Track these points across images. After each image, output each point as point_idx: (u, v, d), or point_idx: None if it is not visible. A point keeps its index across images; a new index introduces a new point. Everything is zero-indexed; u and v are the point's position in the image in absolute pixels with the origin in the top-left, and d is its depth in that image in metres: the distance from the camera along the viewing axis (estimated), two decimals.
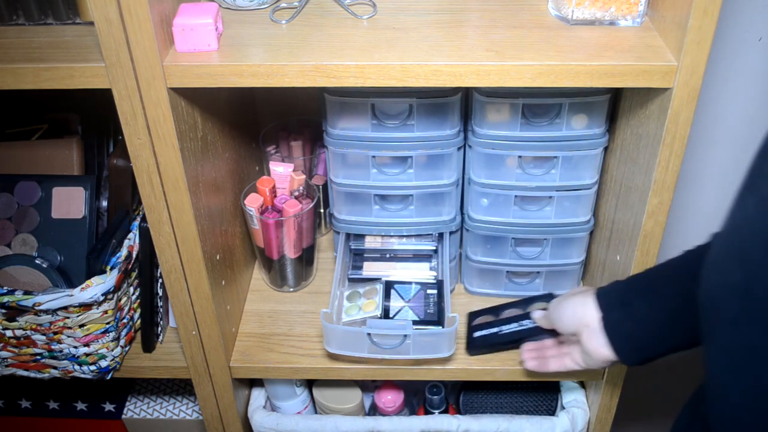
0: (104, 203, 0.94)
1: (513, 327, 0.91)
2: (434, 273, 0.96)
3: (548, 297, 0.96)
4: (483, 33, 0.71)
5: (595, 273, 0.96)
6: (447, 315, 0.86)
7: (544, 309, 0.84)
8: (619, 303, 0.72)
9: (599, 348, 0.73)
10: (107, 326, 0.87)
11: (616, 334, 0.72)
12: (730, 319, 0.46)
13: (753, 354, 0.45)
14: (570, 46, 0.68)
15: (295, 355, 0.93)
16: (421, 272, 0.96)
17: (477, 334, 0.92)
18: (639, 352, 0.72)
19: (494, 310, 0.96)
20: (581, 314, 0.74)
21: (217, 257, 0.86)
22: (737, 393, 0.48)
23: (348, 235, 0.98)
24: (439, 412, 1.00)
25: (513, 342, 0.90)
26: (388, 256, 0.98)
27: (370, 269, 0.97)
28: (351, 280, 0.97)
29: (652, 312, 0.70)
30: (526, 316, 0.91)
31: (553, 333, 0.84)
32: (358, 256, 0.99)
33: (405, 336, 0.83)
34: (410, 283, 0.94)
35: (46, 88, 0.67)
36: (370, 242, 0.99)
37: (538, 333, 0.89)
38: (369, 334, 0.83)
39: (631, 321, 0.71)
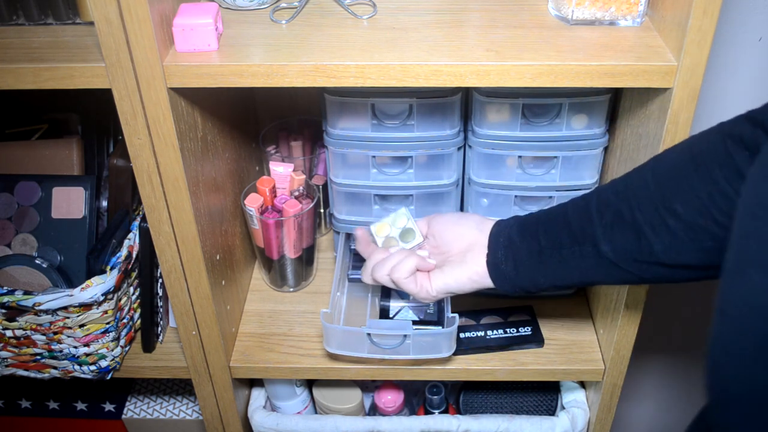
0: (104, 203, 0.94)
1: (499, 333, 0.93)
2: None
3: (527, 309, 0.96)
4: (483, 33, 0.71)
5: None
6: (447, 315, 0.86)
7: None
8: (508, 243, 0.72)
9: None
10: (107, 326, 0.87)
11: (499, 269, 0.73)
12: (755, 423, 0.41)
13: None
14: (570, 46, 0.68)
15: (295, 355, 0.93)
16: None
17: (463, 335, 0.93)
18: (518, 290, 0.73)
19: (474, 315, 0.97)
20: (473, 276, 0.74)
21: (217, 257, 0.86)
22: None
23: (348, 235, 0.98)
24: (439, 412, 1.00)
25: (498, 348, 0.92)
26: None
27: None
28: (351, 280, 0.97)
29: (530, 257, 0.70)
30: (509, 324, 0.94)
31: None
32: (358, 256, 0.99)
33: (405, 336, 0.83)
34: None
35: (46, 88, 0.67)
36: None
37: (523, 342, 0.92)
38: (369, 334, 0.83)
39: (511, 262, 0.72)
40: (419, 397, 1.09)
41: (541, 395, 1.03)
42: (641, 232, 0.63)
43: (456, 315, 0.84)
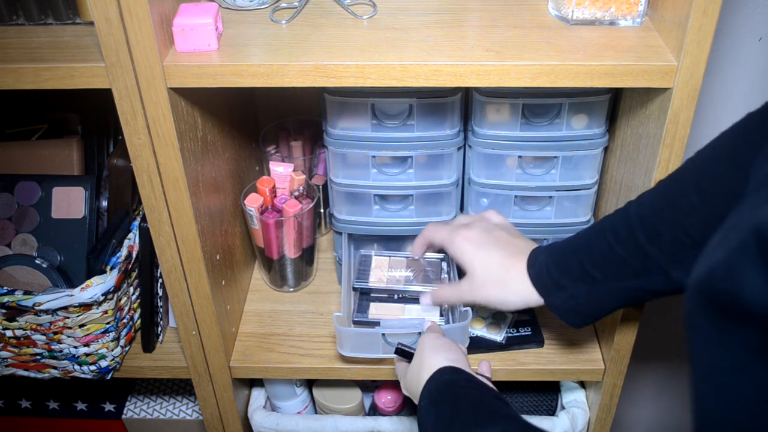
0: (104, 203, 0.94)
1: (499, 333, 0.93)
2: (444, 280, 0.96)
3: (527, 309, 0.96)
4: (483, 33, 0.71)
5: None
6: (459, 309, 0.86)
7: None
8: (556, 287, 0.73)
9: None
10: (107, 326, 0.87)
11: (562, 311, 0.74)
12: None
13: None
14: (570, 46, 0.68)
15: (295, 355, 0.93)
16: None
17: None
18: (585, 320, 0.74)
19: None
20: (525, 300, 0.76)
21: (217, 257, 0.86)
22: None
23: (350, 236, 0.97)
24: None
25: (498, 348, 0.92)
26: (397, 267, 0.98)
27: (376, 276, 0.96)
28: (356, 290, 0.96)
29: (591, 293, 0.71)
30: (510, 323, 0.94)
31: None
32: (363, 260, 0.98)
33: (419, 333, 0.83)
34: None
35: (46, 88, 0.67)
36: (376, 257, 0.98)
37: (523, 342, 0.92)
38: (383, 334, 0.83)
39: (573, 300, 0.73)
40: None
41: (541, 395, 1.03)
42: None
43: (469, 309, 0.84)
